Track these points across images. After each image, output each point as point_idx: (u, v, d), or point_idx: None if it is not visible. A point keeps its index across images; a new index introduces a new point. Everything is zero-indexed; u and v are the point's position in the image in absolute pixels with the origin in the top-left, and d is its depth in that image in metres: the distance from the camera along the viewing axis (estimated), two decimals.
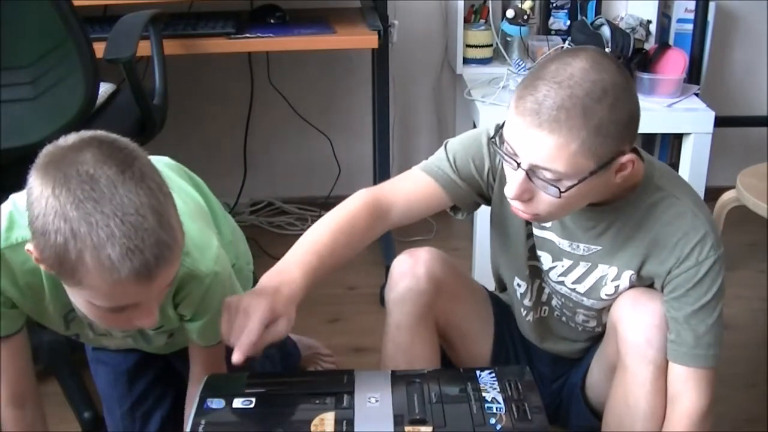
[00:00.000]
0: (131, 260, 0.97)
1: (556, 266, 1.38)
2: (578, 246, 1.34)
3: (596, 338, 1.47)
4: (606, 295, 1.36)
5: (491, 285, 1.60)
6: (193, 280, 1.21)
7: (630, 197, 1.28)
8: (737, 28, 2.76)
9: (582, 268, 1.36)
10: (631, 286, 1.33)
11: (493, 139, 1.25)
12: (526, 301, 1.47)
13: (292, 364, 1.73)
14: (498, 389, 1.12)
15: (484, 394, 1.11)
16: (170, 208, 1.04)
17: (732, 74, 2.82)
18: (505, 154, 1.18)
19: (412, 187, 1.37)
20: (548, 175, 1.14)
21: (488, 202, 1.41)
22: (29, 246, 1.05)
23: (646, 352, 1.29)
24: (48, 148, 1.03)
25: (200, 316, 1.27)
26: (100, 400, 1.59)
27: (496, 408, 1.09)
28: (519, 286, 1.46)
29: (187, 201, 1.29)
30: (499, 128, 1.21)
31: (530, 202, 1.19)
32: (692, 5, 2.45)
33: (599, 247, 1.33)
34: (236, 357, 1.09)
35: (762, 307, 2.29)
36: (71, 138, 1.04)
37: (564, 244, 1.35)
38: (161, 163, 1.26)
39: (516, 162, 1.16)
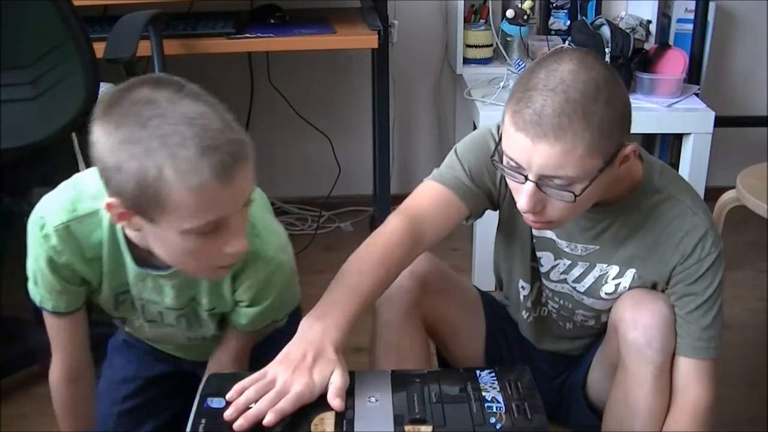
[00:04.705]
0: (209, 157, 0.97)
1: (558, 264, 1.39)
2: (576, 246, 1.35)
3: (595, 336, 1.47)
4: (606, 293, 1.36)
5: (491, 285, 1.60)
6: (258, 261, 1.20)
7: (630, 198, 1.29)
8: (737, 28, 2.76)
9: (580, 268, 1.37)
10: (633, 286, 1.34)
11: (492, 158, 1.25)
12: (528, 303, 1.48)
13: None
14: (498, 389, 1.12)
15: (484, 393, 1.12)
16: (230, 117, 1.04)
17: (732, 74, 2.82)
18: (509, 170, 1.18)
19: (437, 205, 1.34)
20: (559, 182, 1.14)
21: (495, 208, 1.41)
22: (108, 200, 1.04)
23: (646, 353, 1.29)
24: (102, 96, 1.03)
25: (257, 303, 1.25)
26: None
27: (496, 407, 1.09)
28: (523, 288, 1.47)
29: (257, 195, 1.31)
30: (497, 144, 1.21)
31: (543, 211, 1.19)
32: (692, 5, 2.45)
33: (597, 247, 1.34)
34: (269, 420, 1.05)
35: (762, 307, 2.29)
36: (122, 83, 1.04)
37: (562, 244, 1.36)
38: None
39: (523, 175, 1.16)
